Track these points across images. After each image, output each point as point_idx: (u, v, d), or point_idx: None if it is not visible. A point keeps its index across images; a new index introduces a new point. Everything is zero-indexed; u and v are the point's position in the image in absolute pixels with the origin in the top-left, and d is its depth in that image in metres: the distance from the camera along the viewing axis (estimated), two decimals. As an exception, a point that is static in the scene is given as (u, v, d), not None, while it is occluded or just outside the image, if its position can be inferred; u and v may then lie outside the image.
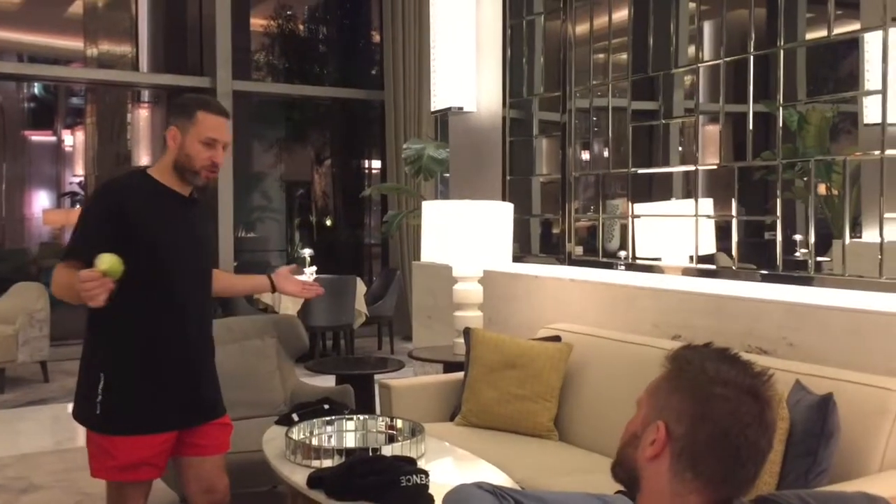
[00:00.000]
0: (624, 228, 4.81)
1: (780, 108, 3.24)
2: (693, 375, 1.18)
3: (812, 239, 3.14)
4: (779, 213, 3.24)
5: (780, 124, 3.25)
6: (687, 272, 3.62)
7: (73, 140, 10.86)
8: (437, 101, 4.99)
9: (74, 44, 10.02)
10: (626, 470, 1.26)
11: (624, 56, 4.28)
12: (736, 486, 1.16)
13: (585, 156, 4.69)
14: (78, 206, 10.29)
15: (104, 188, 2.49)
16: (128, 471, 2.35)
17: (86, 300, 2.08)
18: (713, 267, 3.63)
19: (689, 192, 5.89)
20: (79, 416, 2.41)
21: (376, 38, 9.96)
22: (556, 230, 5.74)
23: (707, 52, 4.88)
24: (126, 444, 2.33)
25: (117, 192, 2.39)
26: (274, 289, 2.83)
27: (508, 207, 4.02)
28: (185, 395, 2.41)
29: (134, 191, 2.38)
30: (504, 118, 4.72)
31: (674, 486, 1.17)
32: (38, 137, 10.93)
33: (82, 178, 10.77)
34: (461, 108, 4.89)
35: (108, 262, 2.08)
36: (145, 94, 10.22)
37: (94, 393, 2.35)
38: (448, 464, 2.71)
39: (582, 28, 4.27)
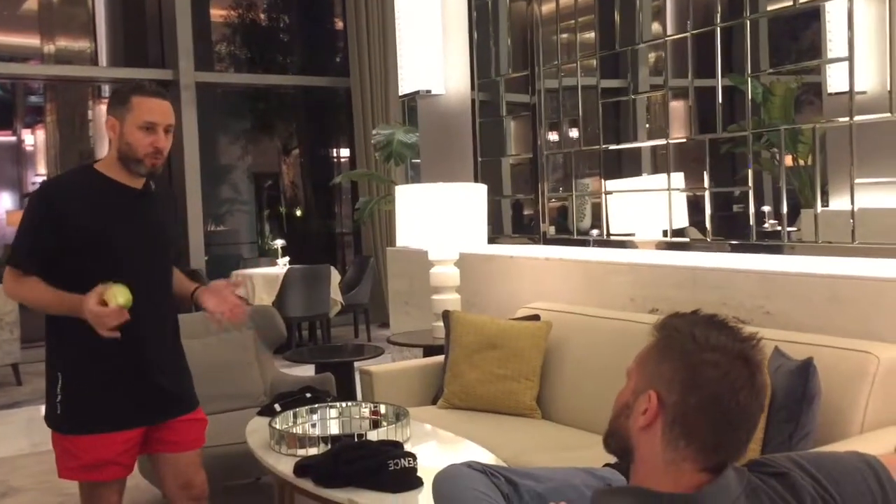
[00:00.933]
0: (595, 207, 4.83)
1: (749, 79, 3.26)
2: (682, 343, 1.18)
3: (785, 209, 3.17)
4: (750, 183, 3.26)
5: (750, 95, 3.27)
6: (661, 246, 3.65)
7: (33, 139, 10.66)
8: (405, 85, 4.96)
9: (30, 41, 9.82)
10: (619, 440, 1.26)
11: (590, 35, 4.28)
12: (729, 451, 1.17)
13: (554, 136, 4.69)
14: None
15: (41, 189, 2.41)
16: (92, 470, 2.32)
17: (100, 329, 2.14)
18: (688, 239, 3.66)
19: (658, 168, 5.95)
20: (45, 416, 2.39)
21: (339, 24, 9.88)
22: (527, 211, 5.75)
23: (670, 27, 4.90)
24: (87, 444, 2.30)
25: (54, 193, 2.33)
26: (193, 302, 2.59)
27: (482, 189, 4.01)
28: (144, 392, 2.35)
29: (74, 189, 2.32)
30: (473, 100, 4.70)
31: (667, 454, 1.18)
32: (-4, 138, 10.72)
33: (45, 177, 10.59)
34: (429, 91, 4.87)
35: (122, 295, 2.13)
36: (106, 90, 10.06)
37: (55, 393, 2.33)
38: (434, 446, 2.71)
39: (548, 7, 4.26)
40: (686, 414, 1.16)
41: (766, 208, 4.93)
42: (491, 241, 4.26)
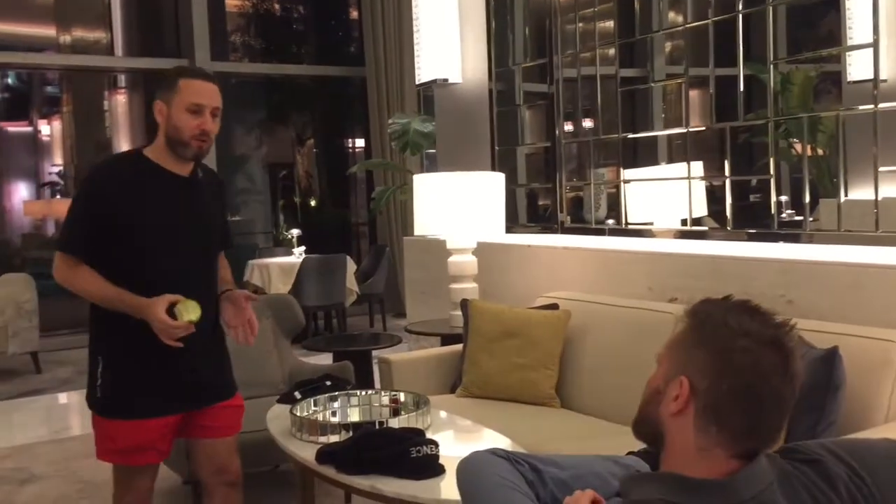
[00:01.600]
0: (611, 196, 4.82)
1: (772, 66, 3.23)
2: (715, 329, 1.17)
3: (808, 198, 3.15)
4: (772, 171, 3.24)
5: (772, 82, 3.25)
6: (679, 235, 3.63)
7: (49, 129, 10.71)
8: (422, 74, 4.95)
9: (46, 31, 9.85)
10: (650, 427, 1.25)
11: (607, 24, 4.26)
12: (761, 437, 1.16)
13: (568, 126, 4.68)
14: (58, 197, 10.18)
15: (90, 175, 2.41)
16: (130, 454, 2.34)
17: (163, 337, 2.20)
18: (706, 228, 3.65)
19: (673, 158, 5.93)
20: (87, 398, 2.39)
21: (354, 13, 9.86)
22: (542, 201, 5.75)
23: (690, 15, 4.88)
24: (126, 428, 2.32)
25: (103, 178, 2.34)
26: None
27: (500, 177, 4.00)
28: (184, 379, 2.36)
29: (122, 174, 2.32)
30: (491, 89, 4.69)
31: (699, 440, 1.17)
32: (13, 128, 10.77)
33: (61, 168, 10.64)
34: (446, 80, 4.86)
35: (195, 312, 2.20)
36: (122, 80, 10.09)
37: (95, 376, 2.34)
38: (455, 434, 2.71)
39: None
40: (718, 400, 1.15)
41: (784, 198, 4.90)
42: (506, 230, 4.26)
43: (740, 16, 3.32)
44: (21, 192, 10.50)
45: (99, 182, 2.34)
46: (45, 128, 10.73)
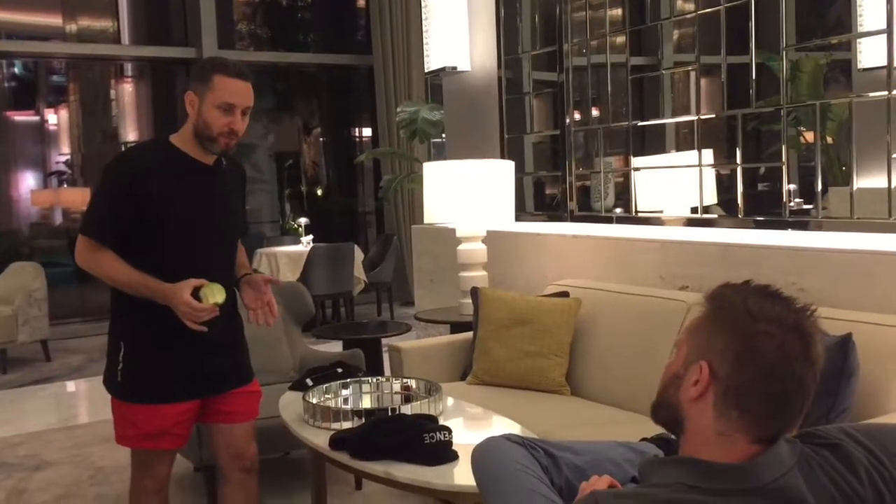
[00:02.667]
0: (619, 185, 4.81)
1: (784, 52, 3.22)
2: (735, 313, 1.17)
3: (820, 186, 3.14)
4: (784, 158, 3.23)
5: (784, 69, 3.23)
6: (688, 223, 3.63)
7: (56, 119, 10.70)
8: (431, 62, 4.94)
9: (52, 20, 9.83)
10: (669, 412, 1.25)
11: (616, 11, 4.25)
12: (782, 422, 1.16)
13: (576, 115, 4.67)
14: (65, 186, 10.18)
15: (117, 160, 2.41)
16: (149, 439, 2.35)
17: (187, 321, 2.21)
18: (716, 216, 3.64)
19: (681, 146, 5.91)
20: (105, 382, 2.41)
21: (361, 1, 9.83)
22: (549, 189, 5.73)
23: (700, 2, 4.86)
24: (146, 413, 2.33)
25: (130, 164, 2.35)
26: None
27: (510, 165, 4.00)
28: (204, 365, 2.37)
29: (149, 160, 2.33)
30: (500, 77, 4.68)
31: (719, 425, 1.17)
32: (20, 118, 10.78)
33: (68, 157, 10.64)
34: (455, 68, 4.85)
35: (220, 294, 2.21)
36: (129, 68, 10.08)
37: (116, 361, 2.35)
38: (467, 420, 2.72)
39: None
40: (739, 385, 1.15)
41: (792, 186, 4.89)
42: (515, 218, 4.26)
43: (753, 2, 3.30)
44: (28, 181, 10.51)
45: (131, 165, 2.34)
46: (51, 117, 10.72)
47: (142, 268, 2.25)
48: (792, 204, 4.50)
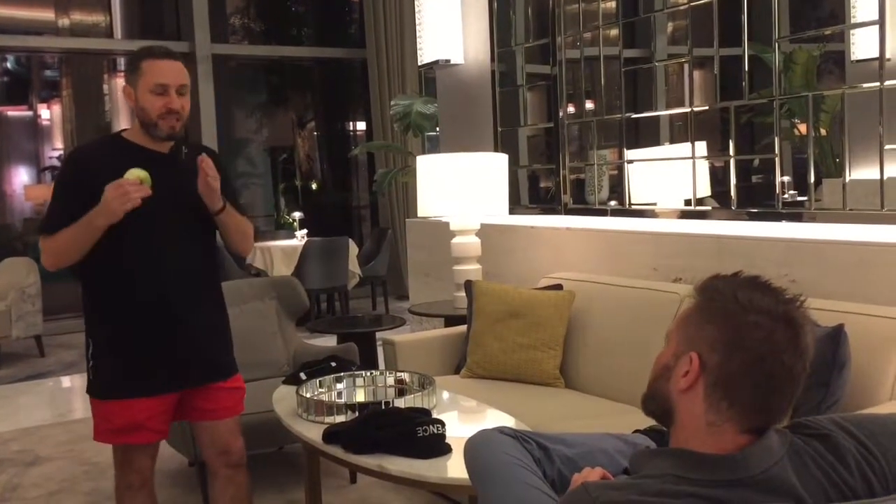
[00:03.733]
0: (613, 178, 4.81)
1: (777, 44, 3.21)
2: (725, 304, 1.17)
3: (812, 178, 3.14)
4: (777, 150, 3.23)
5: (777, 61, 3.23)
6: (682, 216, 3.63)
7: (49, 113, 10.66)
8: (425, 55, 4.93)
9: (45, 14, 9.79)
10: (659, 403, 1.25)
11: (609, 4, 4.24)
12: (772, 413, 1.17)
13: (570, 108, 4.66)
14: (60, 181, 10.16)
15: (68, 156, 2.45)
16: (123, 434, 2.35)
17: (119, 205, 2.16)
18: (710, 208, 3.64)
19: (675, 138, 5.91)
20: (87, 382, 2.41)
21: (354, -5, 9.82)
22: (543, 182, 5.73)
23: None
24: (117, 408, 2.34)
25: (80, 159, 2.37)
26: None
27: (503, 158, 3.99)
28: (172, 360, 2.36)
29: (96, 155, 2.35)
30: (493, 70, 4.67)
31: (709, 416, 1.17)
32: (13, 112, 10.73)
33: (61, 152, 10.62)
34: (448, 61, 4.84)
35: (140, 172, 2.19)
36: (121, 63, 10.04)
37: (88, 358, 2.38)
38: (461, 413, 2.72)
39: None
40: (729, 376, 1.15)
41: (786, 178, 4.89)
42: (509, 211, 4.25)
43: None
44: (22, 176, 10.48)
45: (77, 161, 2.37)
46: (44, 112, 10.68)
47: (105, 260, 2.25)
48: (785, 196, 4.50)
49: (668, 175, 4.17)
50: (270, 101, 10.79)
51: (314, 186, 10.69)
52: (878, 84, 2.85)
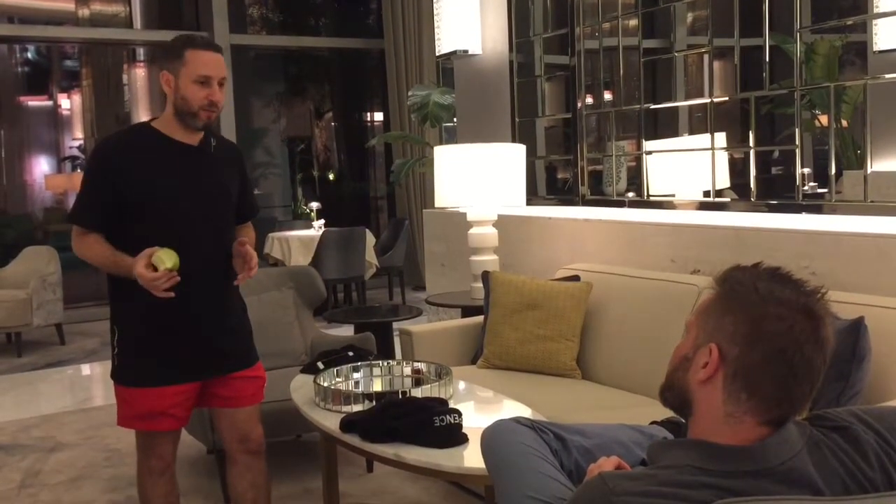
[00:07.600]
0: (631, 169, 4.79)
1: (798, 34, 3.18)
2: (745, 296, 1.17)
3: (833, 169, 3.12)
4: (797, 142, 3.21)
5: (798, 51, 3.20)
6: (702, 207, 3.61)
7: (69, 103, 10.73)
8: (443, 45, 4.92)
9: (65, 4, 9.85)
10: (677, 394, 1.25)
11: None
12: (791, 404, 1.16)
13: (588, 99, 4.64)
14: (79, 171, 10.23)
15: (98, 146, 2.45)
16: (146, 420, 2.39)
17: (154, 292, 2.21)
18: (728, 200, 3.61)
19: (693, 129, 5.88)
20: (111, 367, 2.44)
21: (372, -15, 9.80)
22: (560, 174, 5.71)
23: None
24: (139, 395, 2.37)
25: (110, 149, 2.37)
26: None
27: (521, 149, 3.99)
28: (195, 349, 2.39)
29: (130, 145, 2.36)
30: (511, 61, 4.66)
31: (728, 407, 1.17)
32: (34, 102, 10.81)
33: (81, 142, 10.68)
34: (466, 51, 4.83)
35: (170, 259, 2.19)
36: (140, 53, 10.09)
37: (113, 345, 2.41)
38: (477, 404, 2.73)
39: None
40: (749, 367, 1.15)
41: (806, 170, 4.85)
42: (526, 202, 4.25)
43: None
44: (42, 166, 10.57)
45: (106, 152, 2.37)
46: (64, 102, 10.75)
47: (130, 250, 2.26)
48: (805, 187, 4.47)
49: (686, 166, 4.14)
50: (288, 91, 10.80)
51: (331, 177, 10.70)
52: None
